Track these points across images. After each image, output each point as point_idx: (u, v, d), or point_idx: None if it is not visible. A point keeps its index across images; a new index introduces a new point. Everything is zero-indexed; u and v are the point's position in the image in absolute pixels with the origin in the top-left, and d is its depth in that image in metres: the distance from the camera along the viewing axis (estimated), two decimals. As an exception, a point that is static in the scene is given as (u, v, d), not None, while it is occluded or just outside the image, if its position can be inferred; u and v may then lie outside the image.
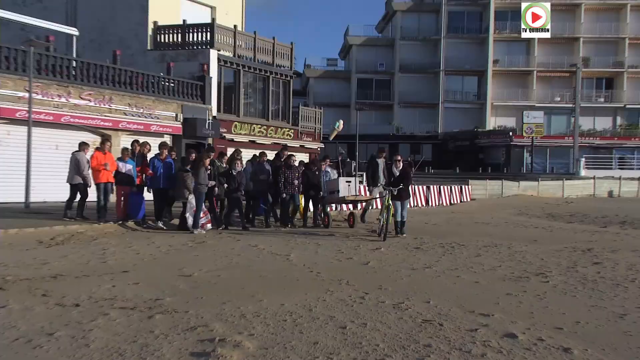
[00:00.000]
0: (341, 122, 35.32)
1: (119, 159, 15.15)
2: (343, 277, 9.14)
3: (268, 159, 17.19)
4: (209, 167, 15.28)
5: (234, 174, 15.46)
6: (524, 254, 12.13)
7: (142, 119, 24.07)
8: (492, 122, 61.13)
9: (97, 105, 22.30)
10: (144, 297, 7.51)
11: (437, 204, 28.06)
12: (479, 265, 10.50)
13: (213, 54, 28.01)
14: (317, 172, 17.09)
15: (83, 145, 15.64)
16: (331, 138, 34.52)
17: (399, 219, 14.69)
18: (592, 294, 8.21)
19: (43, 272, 9.08)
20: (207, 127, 26.42)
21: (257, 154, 17.70)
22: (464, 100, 63.25)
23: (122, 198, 15.07)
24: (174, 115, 25.70)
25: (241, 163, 15.97)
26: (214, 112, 27.93)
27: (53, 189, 20.13)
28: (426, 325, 6.37)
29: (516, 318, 6.77)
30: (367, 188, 18.85)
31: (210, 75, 27.61)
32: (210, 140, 27.39)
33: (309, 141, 34.43)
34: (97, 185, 15.02)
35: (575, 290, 8.40)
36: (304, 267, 10.09)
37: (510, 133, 55.87)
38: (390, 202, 14.33)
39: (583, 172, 48.10)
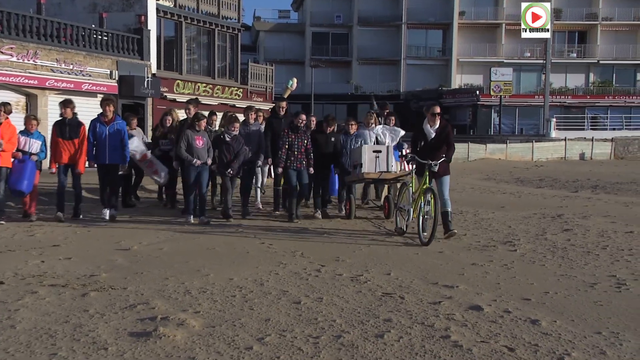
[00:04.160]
0: (295, 80, 34.88)
1: (22, 132, 11.69)
2: (297, 248, 9.17)
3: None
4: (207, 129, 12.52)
5: (228, 139, 12.26)
6: (490, 221, 12.35)
7: (72, 76, 23.52)
8: (458, 80, 61.44)
9: (20, 60, 21.66)
10: (77, 273, 7.42)
11: (398, 169, 28.17)
12: (442, 234, 10.63)
13: (151, 4, 27.40)
14: (332, 137, 13.09)
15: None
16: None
17: (448, 208, 10.23)
18: (561, 262, 8.41)
19: (-38, 247, 8.89)
20: (145, 85, 25.97)
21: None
22: (428, 56, 63.29)
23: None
24: (109, 73, 25.16)
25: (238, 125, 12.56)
26: (154, 69, 27.44)
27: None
28: (386, 299, 6.45)
29: (482, 289, 6.90)
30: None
31: (149, 28, 27.04)
32: (150, 101, 26.97)
33: (260, 101, 34.17)
34: None
35: (544, 259, 8.60)
36: (254, 238, 10.10)
37: (477, 92, 56.28)
38: (414, 183, 10.67)
39: (554, 134, 48.98)
